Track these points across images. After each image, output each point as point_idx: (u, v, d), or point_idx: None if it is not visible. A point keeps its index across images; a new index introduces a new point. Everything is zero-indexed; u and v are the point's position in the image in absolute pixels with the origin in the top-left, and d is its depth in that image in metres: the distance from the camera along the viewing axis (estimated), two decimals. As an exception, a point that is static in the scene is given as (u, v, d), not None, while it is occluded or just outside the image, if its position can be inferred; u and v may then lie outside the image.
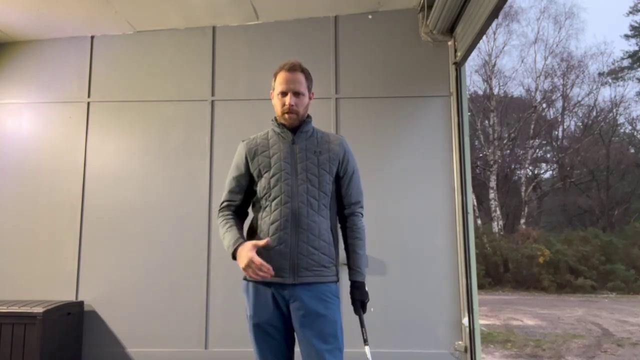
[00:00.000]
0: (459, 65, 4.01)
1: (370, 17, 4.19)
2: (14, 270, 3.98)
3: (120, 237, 4.00)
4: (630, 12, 23.03)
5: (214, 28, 4.25)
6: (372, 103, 4.06)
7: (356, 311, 1.96)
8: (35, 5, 3.81)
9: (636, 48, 22.82)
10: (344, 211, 2.04)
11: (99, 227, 4.02)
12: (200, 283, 3.91)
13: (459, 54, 3.96)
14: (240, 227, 1.98)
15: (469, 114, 9.60)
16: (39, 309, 3.40)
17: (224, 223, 1.98)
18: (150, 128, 4.16)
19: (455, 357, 3.72)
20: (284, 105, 1.93)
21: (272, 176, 1.91)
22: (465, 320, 3.72)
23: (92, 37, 4.29)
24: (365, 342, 1.95)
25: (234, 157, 2.06)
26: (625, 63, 22.99)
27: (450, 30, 4.03)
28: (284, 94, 1.93)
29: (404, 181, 3.97)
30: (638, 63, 22.67)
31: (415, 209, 3.92)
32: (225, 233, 1.93)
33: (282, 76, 1.95)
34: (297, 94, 1.93)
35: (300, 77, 1.95)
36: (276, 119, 2.02)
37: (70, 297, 3.92)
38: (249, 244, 1.80)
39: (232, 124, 4.09)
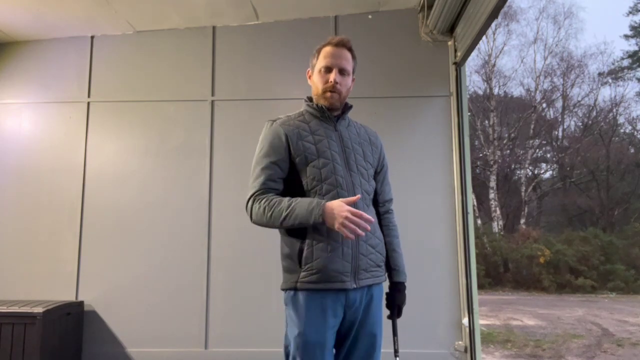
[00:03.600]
0: (459, 65, 4.01)
1: (370, 17, 4.19)
2: (14, 270, 3.98)
3: (120, 237, 4.00)
4: (630, 12, 23.02)
5: (214, 28, 4.25)
6: (372, 103, 4.06)
7: (393, 316, 1.82)
8: (35, 5, 3.81)
9: (636, 48, 22.82)
10: (379, 208, 1.88)
11: (99, 227, 4.02)
12: (200, 283, 3.91)
13: (459, 54, 3.96)
14: None
15: (469, 114, 9.60)
16: (39, 309, 3.40)
17: (276, 201, 1.60)
18: (150, 128, 4.16)
19: (455, 357, 3.72)
20: (327, 82, 1.69)
21: (323, 166, 1.64)
22: (465, 320, 3.72)
23: (92, 37, 4.29)
24: (396, 353, 1.80)
25: (265, 139, 1.72)
26: (625, 63, 23.00)
27: (450, 30, 4.03)
28: (328, 69, 1.70)
29: (404, 181, 3.96)
30: (638, 63, 22.66)
31: (415, 209, 3.92)
32: (290, 206, 1.56)
33: (327, 50, 1.72)
34: (342, 71, 1.71)
35: (348, 55, 1.74)
36: (311, 99, 1.79)
37: (70, 297, 3.92)
38: (338, 200, 1.53)
39: (232, 124, 4.10)
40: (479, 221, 19.13)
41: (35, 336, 3.35)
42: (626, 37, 23.14)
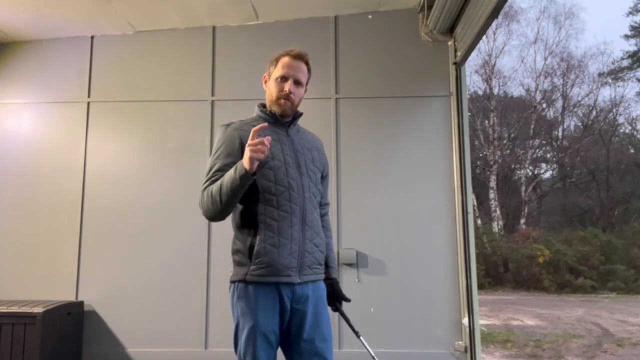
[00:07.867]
0: (459, 65, 4.01)
1: (370, 17, 4.19)
2: (14, 270, 3.98)
3: (120, 237, 4.00)
4: (630, 13, 23.04)
5: (214, 28, 4.25)
6: (372, 103, 4.06)
7: (339, 308, 1.93)
8: (35, 5, 3.81)
9: (636, 48, 22.83)
10: (320, 210, 1.96)
11: (99, 227, 4.02)
12: (200, 283, 3.91)
13: (459, 54, 3.96)
14: None
15: (469, 114, 9.60)
16: (39, 309, 3.40)
17: (212, 185, 1.75)
18: (150, 128, 4.15)
19: (455, 357, 3.72)
20: (281, 90, 1.81)
21: (277, 168, 1.74)
22: (465, 320, 3.72)
23: (92, 37, 4.29)
24: (358, 334, 1.92)
25: (220, 142, 1.83)
26: (625, 63, 23.00)
27: (450, 30, 4.03)
28: (284, 79, 1.82)
29: (404, 181, 3.97)
30: (638, 63, 22.66)
31: (415, 208, 3.92)
32: (220, 179, 1.71)
33: (285, 61, 1.85)
34: (297, 82, 1.84)
35: (304, 67, 1.87)
36: (264, 106, 1.91)
37: (70, 297, 3.92)
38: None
39: (232, 124, 4.09)
40: (479, 221, 19.12)
41: (35, 336, 3.35)
42: (626, 37, 23.17)
